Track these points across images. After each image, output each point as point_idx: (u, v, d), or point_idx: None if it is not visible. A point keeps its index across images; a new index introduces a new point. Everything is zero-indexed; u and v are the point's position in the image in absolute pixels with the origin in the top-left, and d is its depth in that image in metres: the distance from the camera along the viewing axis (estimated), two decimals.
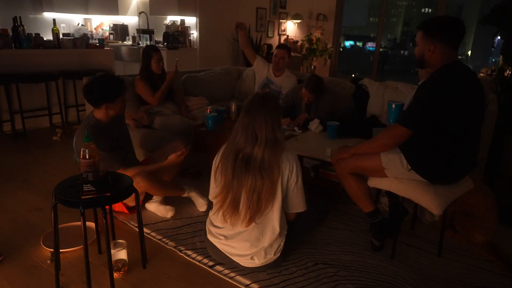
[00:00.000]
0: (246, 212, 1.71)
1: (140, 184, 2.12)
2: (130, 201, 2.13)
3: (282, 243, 1.84)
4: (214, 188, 1.82)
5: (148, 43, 5.71)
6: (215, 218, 1.84)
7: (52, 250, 1.86)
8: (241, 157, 1.69)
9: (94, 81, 2.13)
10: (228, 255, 1.84)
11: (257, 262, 1.82)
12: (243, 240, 1.77)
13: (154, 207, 2.39)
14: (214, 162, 1.81)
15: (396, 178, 1.96)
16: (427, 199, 1.86)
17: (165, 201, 2.44)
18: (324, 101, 3.05)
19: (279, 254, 1.84)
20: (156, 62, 3.16)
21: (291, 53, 7.05)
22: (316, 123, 2.84)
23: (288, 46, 3.67)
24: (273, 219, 1.75)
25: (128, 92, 2.36)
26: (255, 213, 1.70)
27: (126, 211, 2.36)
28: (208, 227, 1.91)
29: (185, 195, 2.47)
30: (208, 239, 1.91)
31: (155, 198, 2.44)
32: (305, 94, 3.02)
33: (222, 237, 1.83)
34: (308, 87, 2.98)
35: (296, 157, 1.79)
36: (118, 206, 2.33)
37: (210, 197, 1.87)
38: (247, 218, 1.71)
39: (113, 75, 2.24)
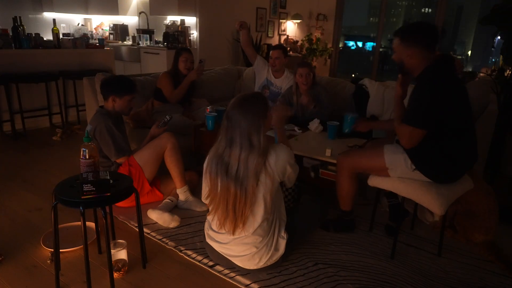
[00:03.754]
0: (231, 220, 1.69)
1: (168, 140, 2.38)
2: (130, 201, 2.14)
3: (282, 247, 1.82)
4: (205, 190, 1.79)
5: (148, 43, 5.72)
6: (212, 222, 1.83)
7: (52, 250, 1.86)
8: (223, 163, 1.65)
9: (112, 76, 2.50)
10: (228, 257, 1.84)
11: (256, 265, 1.81)
12: (242, 244, 1.76)
13: (157, 215, 2.30)
14: (204, 165, 1.77)
15: (398, 178, 1.97)
16: (429, 199, 1.86)
17: (170, 211, 2.39)
18: (319, 93, 3.05)
19: (277, 258, 1.83)
20: (183, 61, 3.22)
21: (291, 53, 7.14)
22: (316, 123, 2.84)
23: (282, 45, 3.66)
24: (259, 218, 1.72)
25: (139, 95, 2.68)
26: (236, 221, 1.68)
27: (161, 197, 2.52)
28: (207, 231, 1.90)
29: (184, 190, 2.46)
30: (206, 242, 1.90)
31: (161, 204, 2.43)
32: (300, 74, 3.00)
33: (220, 241, 1.82)
34: (300, 64, 3.04)
35: (289, 151, 1.74)
36: (151, 197, 2.50)
37: (202, 198, 1.84)
38: (232, 226, 1.70)
39: (130, 78, 2.54)
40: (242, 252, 1.78)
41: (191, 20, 5.77)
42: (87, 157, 1.70)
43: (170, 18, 5.86)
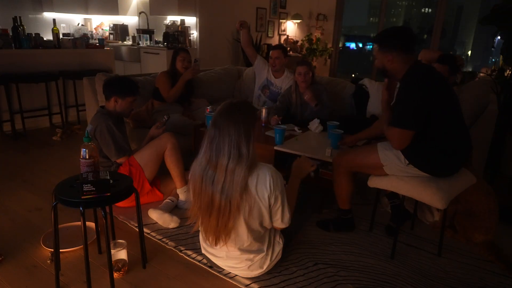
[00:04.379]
0: (213, 233, 1.64)
1: (168, 140, 2.40)
2: (130, 201, 2.14)
3: (277, 254, 1.81)
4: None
5: (148, 43, 5.72)
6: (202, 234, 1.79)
7: (52, 250, 1.86)
8: (207, 176, 1.57)
9: (115, 77, 2.52)
10: (225, 268, 1.84)
11: (253, 274, 1.80)
12: (235, 258, 1.74)
13: (157, 215, 2.30)
14: (188, 178, 1.69)
15: (396, 176, 1.97)
16: (429, 194, 1.86)
17: (170, 211, 2.39)
18: (320, 92, 3.09)
19: (274, 264, 1.83)
20: (181, 60, 3.26)
21: (291, 53, 7.14)
22: (316, 123, 2.84)
23: (282, 45, 3.67)
24: (245, 238, 1.67)
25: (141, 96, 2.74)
26: (219, 234, 1.63)
27: (161, 197, 2.53)
28: (202, 243, 1.86)
29: (185, 190, 2.46)
30: (203, 253, 1.89)
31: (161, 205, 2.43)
32: (299, 73, 3.05)
33: (215, 254, 1.80)
34: (299, 63, 3.11)
35: (275, 174, 1.60)
36: (151, 197, 2.50)
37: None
38: (214, 239, 1.66)
39: (133, 80, 2.56)
40: (237, 264, 1.77)
41: (191, 20, 5.77)
42: (87, 157, 1.70)
43: (170, 18, 5.86)
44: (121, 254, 1.85)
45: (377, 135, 2.37)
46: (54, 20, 4.45)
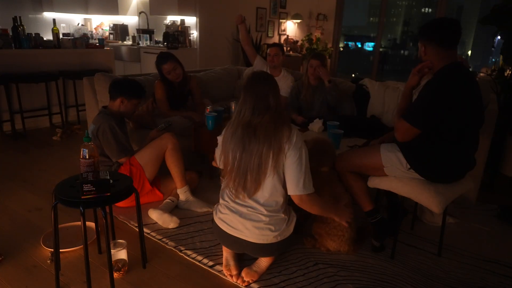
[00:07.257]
0: (251, 183, 1.67)
1: (168, 139, 2.41)
2: (130, 201, 2.14)
3: (292, 223, 1.77)
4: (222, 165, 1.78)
5: (148, 43, 5.72)
6: (229, 193, 1.77)
7: (52, 250, 1.87)
8: (250, 127, 1.66)
9: (123, 78, 2.61)
10: (239, 237, 1.74)
11: (267, 239, 1.72)
12: (254, 218, 1.70)
13: (157, 215, 2.30)
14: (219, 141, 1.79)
15: (395, 177, 1.97)
16: (427, 197, 1.87)
17: (170, 211, 2.39)
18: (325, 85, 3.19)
19: (285, 236, 1.77)
20: (168, 73, 3.03)
21: (291, 53, 7.13)
22: (319, 123, 2.84)
23: (280, 43, 3.68)
24: (273, 191, 1.70)
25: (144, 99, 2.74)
26: (257, 183, 1.66)
27: (161, 197, 2.53)
28: (218, 215, 1.80)
29: (185, 190, 2.46)
30: (216, 225, 1.81)
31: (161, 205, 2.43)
32: (311, 65, 3.16)
33: (229, 223, 1.74)
34: (314, 56, 3.18)
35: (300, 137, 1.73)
36: (151, 197, 2.51)
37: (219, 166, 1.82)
38: (252, 189, 1.68)
39: (140, 83, 2.56)
40: (255, 224, 1.69)
41: (191, 20, 5.77)
42: (87, 157, 1.70)
43: (170, 18, 5.86)
44: (121, 254, 1.85)
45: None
46: (54, 20, 4.45)
